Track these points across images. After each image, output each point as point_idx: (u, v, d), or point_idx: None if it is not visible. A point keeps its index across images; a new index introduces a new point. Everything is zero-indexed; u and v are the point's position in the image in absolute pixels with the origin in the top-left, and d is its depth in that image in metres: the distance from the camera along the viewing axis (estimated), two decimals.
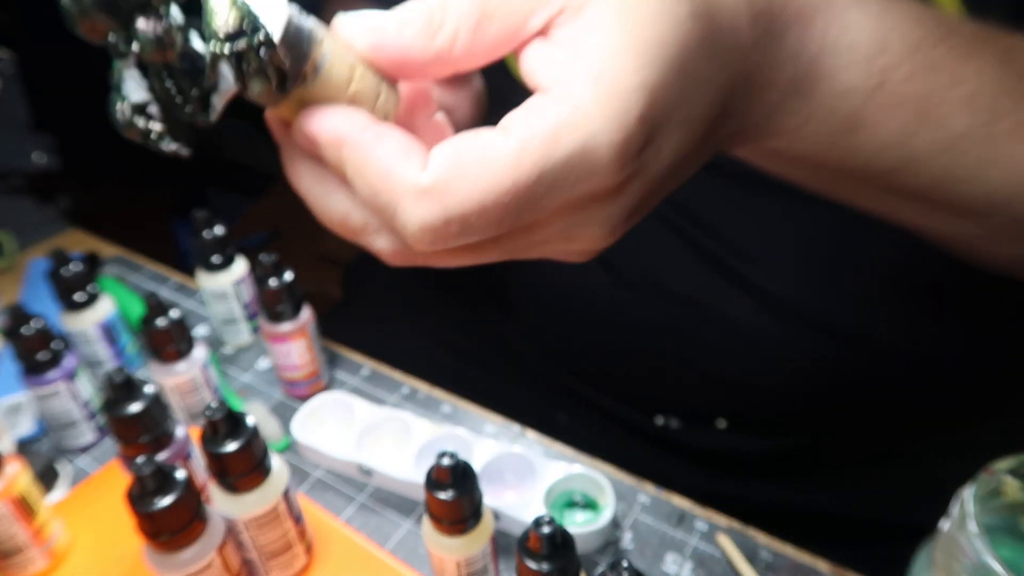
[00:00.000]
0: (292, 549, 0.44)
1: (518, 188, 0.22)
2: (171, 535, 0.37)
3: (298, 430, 0.55)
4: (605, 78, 0.22)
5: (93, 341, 0.61)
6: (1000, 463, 0.32)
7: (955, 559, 0.30)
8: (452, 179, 0.22)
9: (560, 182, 0.22)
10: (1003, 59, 0.30)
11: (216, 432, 0.39)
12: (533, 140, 0.21)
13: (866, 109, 0.29)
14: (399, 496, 0.52)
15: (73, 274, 0.59)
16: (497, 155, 0.21)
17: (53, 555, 0.47)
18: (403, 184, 0.22)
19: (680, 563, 0.46)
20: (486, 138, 0.22)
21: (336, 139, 0.23)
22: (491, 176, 0.21)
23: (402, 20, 0.23)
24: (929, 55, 0.29)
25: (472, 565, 0.41)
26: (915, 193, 0.33)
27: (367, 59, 0.24)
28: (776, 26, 0.26)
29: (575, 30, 0.23)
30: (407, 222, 0.22)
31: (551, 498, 0.49)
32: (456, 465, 0.38)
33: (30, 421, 0.60)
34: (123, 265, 0.81)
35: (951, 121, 0.30)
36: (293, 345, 0.57)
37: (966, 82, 0.29)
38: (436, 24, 0.23)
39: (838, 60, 0.28)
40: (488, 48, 0.24)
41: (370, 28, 0.24)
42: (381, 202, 0.23)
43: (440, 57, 0.24)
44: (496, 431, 0.57)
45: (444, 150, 0.22)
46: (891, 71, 0.28)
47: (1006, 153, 0.31)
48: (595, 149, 0.22)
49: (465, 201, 0.22)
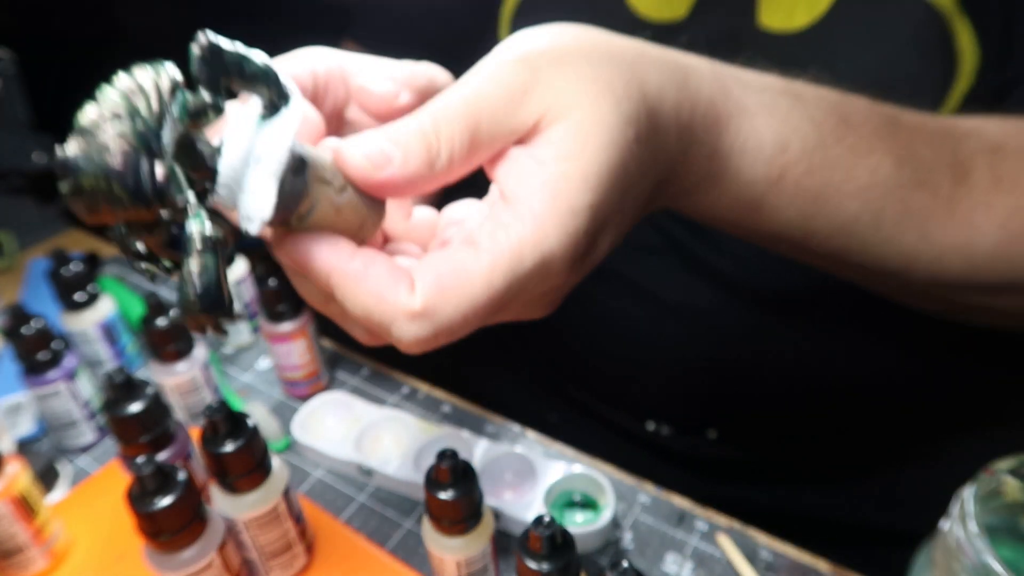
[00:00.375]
0: (292, 549, 0.44)
1: (492, 300, 0.26)
2: (171, 535, 0.37)
3: (298, 430, 0.55)
4: (561, 198, 0.26)
5: (93, 341, 0.61)
6: (1000, 463, 0.32)
7: (955, 559, 0.30)
8: (438, 301, 0.25)
9: (523, 288, 0.26)
10: (899, 156, 0.36)
11: (216, 432, 0.39)
12: (502, 258, 0.25)
13: (767, 196, 0.34)
14: (399, 496, 0.52)
15: (73, 274, 0.59)
16: (472, 276, 0.25)
17: (53, 555, 0.47)
18: (394, 309, 0.25)
19: (680, 563, 0.46)
20: (460, 259, 0.26)
21: (324, 270, 0.25)
22: (470, 294, 0.25)
23: (406, 150, 0.26)
24: (827, 153, 0.34)
25: (472, 565, 0.41)
26: (824, 258, 0.39)
27: (368, 187, 0.26)
28: (697, 135, 0.31)
29: (539, 147, 0.27)
30: (401, 338, 0.26)
31: (551, 498, 0.49)
32: (456, 465, 0.38)
33: (30, 421, 0.60)
34: (123, 265, 0.81)
35: (844, 208, 0.35)
36: (293, 345, 0.57)
37: (859, 178, 0.35)
38: (434, 152, 0.26)
39: (744, 159, 0.33)
40: (473, 165, 0.28)
41: (374, 162, 0.26)
42: (374, 321, 0.25)
43: (434, 180, 0.27)
44: (496, 431, 0.57)
45: (427, 276, 0.25)
46: (790, 167, 0.34)
47: (894, 236, 0.37)
48: (551, 261, 0.26)
49: (451, 317, 0.25)
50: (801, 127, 0.34)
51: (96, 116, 0.20)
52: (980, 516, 0.29)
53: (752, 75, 0.34)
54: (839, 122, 0.35)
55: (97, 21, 1.18)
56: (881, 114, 0.37)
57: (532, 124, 0.27)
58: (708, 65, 0.33)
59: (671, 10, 0.50)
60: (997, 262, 0.38)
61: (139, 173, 0.20)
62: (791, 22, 0.46)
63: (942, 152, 0.37)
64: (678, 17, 0.50)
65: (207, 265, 0.23)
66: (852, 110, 0.36)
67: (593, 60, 0.28)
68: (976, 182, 0.38)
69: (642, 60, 0.30)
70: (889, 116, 0.37)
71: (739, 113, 0.33)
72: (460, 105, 0.27)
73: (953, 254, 0.38)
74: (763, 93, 0.34)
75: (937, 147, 0.37)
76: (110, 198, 0.20)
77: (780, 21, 0.47)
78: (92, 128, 0.20)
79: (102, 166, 0.20)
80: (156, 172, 0.21)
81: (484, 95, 0.27)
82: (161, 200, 0.21)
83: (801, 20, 0.46)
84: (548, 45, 0.29)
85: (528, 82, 0.27)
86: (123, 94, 0.21)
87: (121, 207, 0.21)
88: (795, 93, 0.35)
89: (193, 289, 0.23)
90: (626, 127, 0.27)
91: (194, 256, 0.23)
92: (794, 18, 0.46)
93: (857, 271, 0.40)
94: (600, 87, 0.27)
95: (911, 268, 0.39)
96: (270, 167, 0.24)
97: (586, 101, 0.27)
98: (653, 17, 0.50)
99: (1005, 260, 0.39)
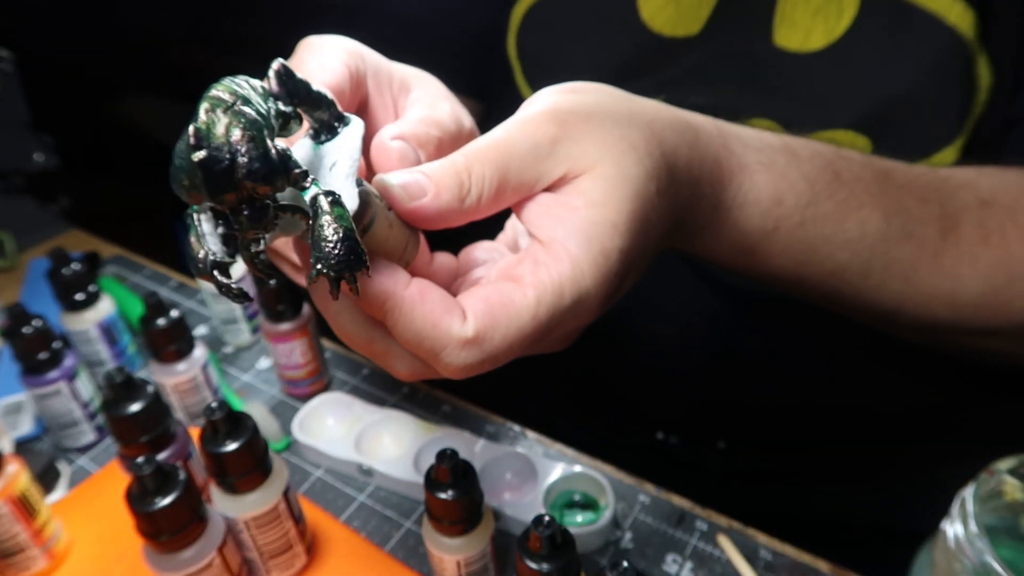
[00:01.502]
0: (292, 549, 0.44)
1: (536, 331, 0.28)
2: (171, 535, 0.37)
3: (298, 430, 0.55)
4: (595, 242, 0.28)
5: (93, 341, 0.61)
6: (1000, 463, 0.32)
7: (956, 559, 0.30)
8: (489, 330, 0.27)
9: (562, 322, 0.29)
10: (887, 210, 0.38)
11: (216, 432, 0.39)
12: (546, 292, 0.28)
13: (762, 244, 0.37)
14: (399, 496, 0.52)
15: (73, 274, 0.58)
16: (519, 309, 0.28)
17: (53, 555, 0.47)
18: (447, 336, 0.27)
19: (680, 563, 0.46)
20: (508, 292, 0.28)
21: (381, 295, 0.27)
22: (518, 325, 0.28)
23: (439, 184, 0.28)
24: (819, 207, 0.37)
25: (472, 565, 0.41)
26: (817, 299, 0.41)
27: (403, 214, 0.29)
28: (703, 189, 0.34)
29: (569, 195, 0.29)
30: (451, 363, 0.27)
31: (551, 498, 0.49)
32: (456, 465, 0.38)
33: (30, 421, 0.60)
34: (123, 265, 0.81)
35: (834, 258, 0.38)
36: (294, 345, 0.57)
37: (848, 231, 0.38)
38: (465, 189, 0.28)
39: (743, 211, 0.36)
40: (500, 206, 0.30)
41: (410, 192, 0.28)
42: (425, 348, 0.27)
43: (464, 215, 0.29)
44: (496, 431, 0.57)
45: (479, 306, 0.28)
46: (784, 219, 0.37)
47: (882, 284, 0.39)
48: (587, 299, 0.29)
49: (499, 346, 0.28)
50: (796, 183, 0.37)
51: (224, 96, 0.22)
52: (980, 516, 0.29)
53: (751, 133, 0.37)
54: (832, 178, 0.37)
55: (97, 21, 1.18)
56: (874, 169, 0.39)
57: (559, 174, 0.29)
58: (713, 124, 0.36)
59: (685, 27, 0.50)
60: (981, 311, 0.41)
61: (267, 145, 0.22)
62: (808, 43, 0.47)
63: (931, 206, 0.39)
64: (691, 33, 0.50)
65: (342, 215, 0.24)
66: (845, 166, 0.38)
67: (617, 119, 0.31)
68: (963, 235, 0.40)
69: (659, 120, 0.32)
70: (881, 171, 0.39)
71: (740, 170, 0.36)
72: (492, 150, 0.29)
73: (938, 302, 0.40)
74: (761, 152, 0.36)
75: (927, 201, 0.39)
76: (243, 169, 0.21)
77: (797, 42, 0.47)
78: (220, 107, 0.22)
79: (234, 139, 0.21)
80: (277, 146, 0.22)
81: (515, 142, 0.29)
82: (285, 166, 0.23)
83: (818, 42, 0.47)
84: (575, 102, 0.31)
85: (557, 135, 0.29)
86: (234, 91, 0.22)
87: (252, 179, 0.22)
88: (792, 150, 0.37)
89: (331, 247, 0.23)
90: (648, 181, 0.30)
91: (327, 215, 0.24)
92: (811, 40, 0.47)
93: (849, 311, 0.42)
94: (624, 146, 0.30)
95: (899, 312, 0.41)
96: (344, 169, 0.26)
97: (611, 157, 0.29)
98: (666, 33, 0.50)
99: (989, 309, 0.41)
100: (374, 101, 0.37)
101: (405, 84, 0.38)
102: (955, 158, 0.46)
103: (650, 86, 0.51)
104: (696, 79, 0.51)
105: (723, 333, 0.55)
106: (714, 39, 0.50)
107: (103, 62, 1.19)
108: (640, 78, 0.52)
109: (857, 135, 0.47)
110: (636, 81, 0.51)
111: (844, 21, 0.46)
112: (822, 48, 0.47)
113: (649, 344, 0.59)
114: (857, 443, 0.59)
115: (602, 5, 0.52)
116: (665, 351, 0.58)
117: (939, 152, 0.46)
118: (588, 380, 0.65)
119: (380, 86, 0.37)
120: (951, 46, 0.44)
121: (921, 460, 0.58)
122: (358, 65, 0.35)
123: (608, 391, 0.64)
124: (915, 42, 0.44)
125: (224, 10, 1.01)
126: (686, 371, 0.58)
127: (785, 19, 0.47)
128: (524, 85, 0.57)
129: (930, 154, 0.47)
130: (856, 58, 0.46)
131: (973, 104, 0.45)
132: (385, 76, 0.37)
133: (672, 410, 0.61)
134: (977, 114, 0.45)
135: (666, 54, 0.51)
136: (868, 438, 0.58)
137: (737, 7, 0.49)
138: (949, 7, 0.43)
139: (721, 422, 0.60)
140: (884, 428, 0.58)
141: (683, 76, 0.51)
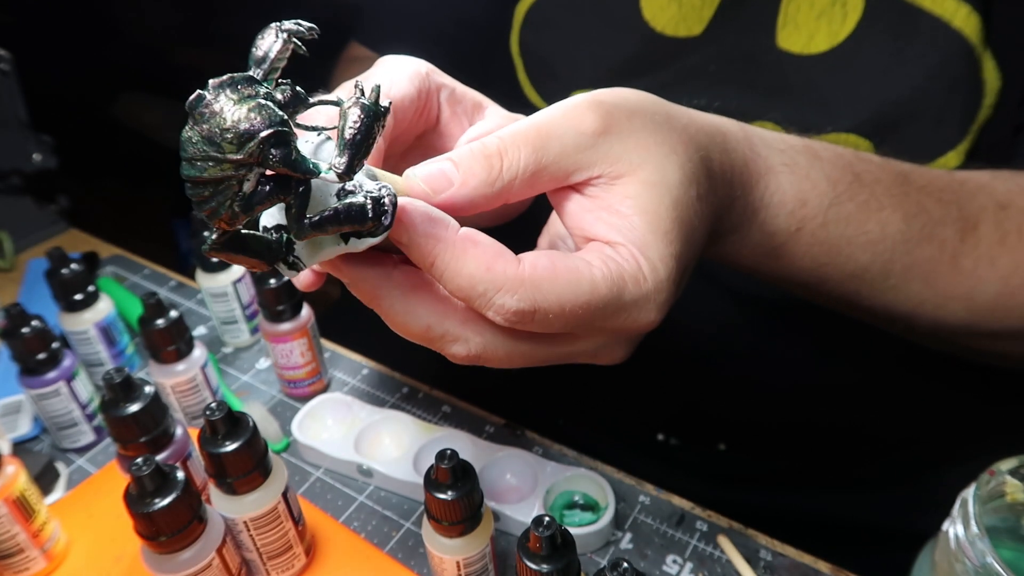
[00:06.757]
0: (292, 550, 0.44)
1: (590, 305, 0.27)
2: (170, 536, 0.37)
3: (298, 430, 0.55)
4: (652, 249, 0.29)
5: (92, 341, 0.61)
6: (1001, 464, 0.32)
7: (957, 560, 0.30)
8: (546, 281, 0.27)
9: (616, 314, 0.28)
10: (908, 212, 0.39)
11: (215, 432, 0.39)
12: (610, 275, 0.28)
13: (786, 245, 0.38)
14: (399, 496, 0.52)
15: (72, 274, 0.58)
16: (581, 276, 0.27)
17: (52, 556, 0.47)
18: (503, 276, 0.26)
19: (680, 563, 0.46)
20: (572, 259, 0.28)
21: (430, 239, 0.26)
22: (575, 288, 0.27)
23: (465, 171, 0.28)
24: (841, 208, 0.37)
25: (472, 565, 0.41)
26: (836, 302, 0.42)
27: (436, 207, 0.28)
28: (735, 191, 0.35)
29: (613, 198, 0.29)
30: (505, 303, 0.27)
31: (551, 498, 0.48)
32: (456, 465, 0.38)
33: (28, 422, 0.60)
34: (122, 265, 0.81)
35: (855, 259, 0.39)
36: (293, 345, 0.57)
37: (870, 232, 0.38)
38: (496, 172, 0.28)
39: (769, 212, 0.36)
40: (533, 192, 0.29)
41: (433, 186, 0.28)
42: (478, 292, 0.27)
43: (495, 199, 0.28)
44: (496, 431, 0.57)
45: (542, 257, 0.27)
46: (808, 220, 0.37)
47: (901, 284, 0.40)
48: (647, 304, 0.29)
49: (551, 300, 0.27)
50: (819, 184, 0.37)
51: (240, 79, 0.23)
52: (981, 517, 0.29)
53: (774, 134, 0.37)
54: (853, 180, 0.38)
55: (96, 21, 1.18)
56: (892, 171, 0.39)
57: (597, 171, 0.29)
58: (738, 127, 0.36)
59: (687, 27, 0.50)
60: (997, 311, 0.41)
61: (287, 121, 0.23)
62: (811, 46, 0.47)
63: (950, 208, 0.40)
64: (693, 34, 0.50)
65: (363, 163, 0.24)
66: (864, 168, 0.39)
67: (658, 121, 0.31)
68: (982, 237, 0.40)
69: (693, 124, 0.32)
70: (900, 173, 0.40)
71: (767, 172, 0.36)
72: (531, 131, 0.28)
73: (956, 302, 0.41)
74: (784, 153, 0.37)
75: (946, 203, 0.40)
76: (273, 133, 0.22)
77: (800, 45, 0.47)
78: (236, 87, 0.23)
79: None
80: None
81: (556, 126, 0.29)
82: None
83: (822, 45, 0.47)
84: (619, 97, 0.31)
85: (600, 128, 0.29)
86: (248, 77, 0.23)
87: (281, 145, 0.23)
88: (813, 151, 0.38)
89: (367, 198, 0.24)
90: (689, 186, 0.30)
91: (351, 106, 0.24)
92: (814, 43, 0.47)
93: (867, 314, 0.42)
94: (666, 149, 0.30)
95: (917, 313, 0.41)
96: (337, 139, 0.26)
97: (654, 161, 0.29)
98: (668, 32, 0.50)
99: (1005, 310, 0.41)
100: (448, 120, 0.38)
101: (478, 105, 0.39)
102: (958, 163, 0.46)
103: (651, 86, 0.51)
104: (698, 80, 0.51)
105: (724, 335, 0.55)
106: (716, 40, 0.50)
107: (102, 62, 1.19)
108: (641, 77, 0.52)
109: (859, 139, 0.47)
110: (637, 80, 0.51)
111: (848, 24, 0.46)
112: (825, 51, 0.46)
113: (650, 345, 0.59)
114: (858, 444, 0.59)
115: (604, 3, 0.52)
116: (666, 353, 0.58)
117: (942, 156, 0.46)
118: (588, 381, 0.65)
119: (454, 106, 0.38)
120: (956, 50, 0.44)
121: (921, 461, 0.58)
122: (428, 86, 0.36)
123: (609, 392, 0.64)
124: (920, 46, 0.44)
125: (224, 10, 1.01)
126: (687, 373, 0.57)
127: (788, 21, 0.47)
128: (526, 83, 0.57)
129: (933, 158, 0.47)
130: (860, 62, 0.46)
131: (979, 108, 0.45)
132: (460, 97, 0.38)
133: (673, 412, 0.61)
134: (982, 119, 0.45)
135: (668, 54, 0.51)
136: (869, 439, 0.58)
137: (740, 8, 0.48)
138: (955, 10, 0.43)
139: (722, 424, 0.60)
140: (885, 429, 0.58)
141: (685, 76, 0.51)
